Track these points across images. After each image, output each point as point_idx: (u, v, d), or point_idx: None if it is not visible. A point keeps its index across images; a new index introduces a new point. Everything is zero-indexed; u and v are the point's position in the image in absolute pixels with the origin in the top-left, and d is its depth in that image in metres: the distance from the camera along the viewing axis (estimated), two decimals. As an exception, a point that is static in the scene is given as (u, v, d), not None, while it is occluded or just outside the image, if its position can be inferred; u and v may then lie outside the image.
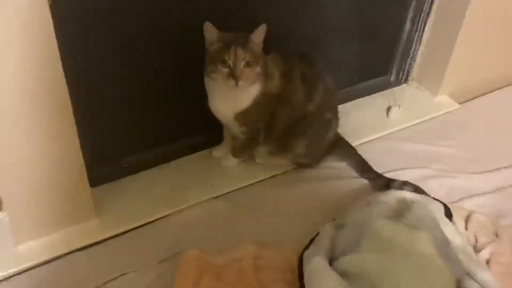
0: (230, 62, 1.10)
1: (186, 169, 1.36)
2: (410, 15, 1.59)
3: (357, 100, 1.66)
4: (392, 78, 1.73)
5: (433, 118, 1.61)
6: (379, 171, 1.33)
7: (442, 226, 1.05)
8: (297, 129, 1.28)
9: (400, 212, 1.06)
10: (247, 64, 1.11)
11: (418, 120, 1.58)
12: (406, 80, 1.73)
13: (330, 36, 1.47)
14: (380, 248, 0.96)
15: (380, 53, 1.65)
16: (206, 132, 1.40)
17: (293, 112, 1.27)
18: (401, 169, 1.38)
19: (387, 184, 1.28)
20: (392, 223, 1.01)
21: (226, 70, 1.11)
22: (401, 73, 1.71)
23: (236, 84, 1.10)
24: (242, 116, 1.21)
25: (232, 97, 1.17)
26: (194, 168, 1.36)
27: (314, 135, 1.32)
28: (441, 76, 1.62)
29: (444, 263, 0.94)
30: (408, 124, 1.56)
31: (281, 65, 1.24)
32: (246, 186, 1.33)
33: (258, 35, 1.12)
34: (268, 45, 1.16)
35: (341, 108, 1.41)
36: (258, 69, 1.14)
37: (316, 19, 1.39)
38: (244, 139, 1.31)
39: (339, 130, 1.41)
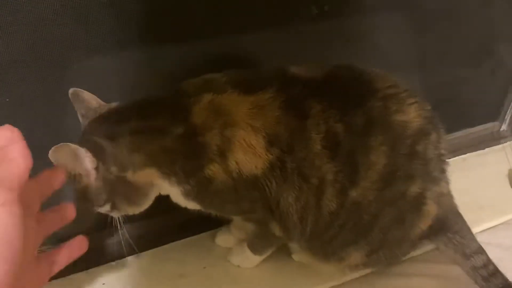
0: None
1: (158, 268, 0.77)
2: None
3: (453, 158, 1.09)
4: (504, 126, 1.21)
5: None
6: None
7: None
8: (344, 231, 0.66)
9: None
10: None
11: None
12: (530, 130, 1.20)
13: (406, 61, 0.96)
14: None
15: (483, 87, 1.11)
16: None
17: (314, 207, 0.63)
18: None
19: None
20: None
21: None
22: (520, 119, 1.19)
23: None
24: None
25: None
26: (177, 268, 0.77)
27: (382, 235, 0.67)
28: None
29: None
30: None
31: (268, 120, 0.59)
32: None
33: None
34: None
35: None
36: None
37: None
38: (253, 228, 0.74)
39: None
